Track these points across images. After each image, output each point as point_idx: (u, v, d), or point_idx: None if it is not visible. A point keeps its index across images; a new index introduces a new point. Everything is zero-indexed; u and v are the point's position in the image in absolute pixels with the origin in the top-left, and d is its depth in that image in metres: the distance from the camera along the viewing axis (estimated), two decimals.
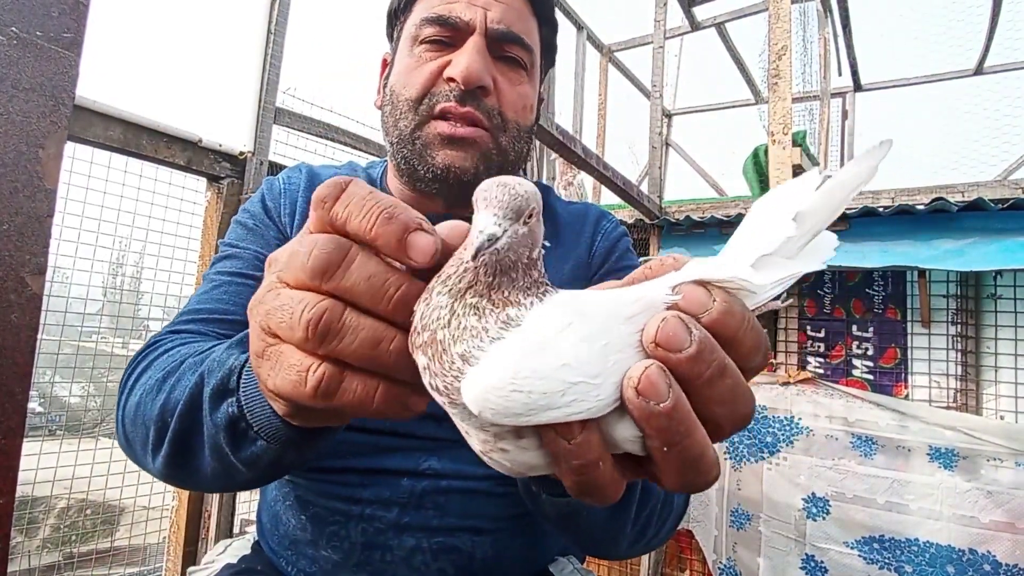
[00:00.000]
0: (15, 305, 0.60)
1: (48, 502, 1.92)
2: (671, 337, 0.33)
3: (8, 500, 0.59)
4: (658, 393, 0.32)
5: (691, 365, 0.33)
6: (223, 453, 0.51)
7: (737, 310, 0.35)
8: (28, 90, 0.64)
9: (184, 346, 0.65)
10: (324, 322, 0.35)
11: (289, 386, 0.37)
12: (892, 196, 2.25)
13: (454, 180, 0.79)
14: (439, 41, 0.80)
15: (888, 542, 1.99)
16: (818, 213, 0.37)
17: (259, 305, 0.39)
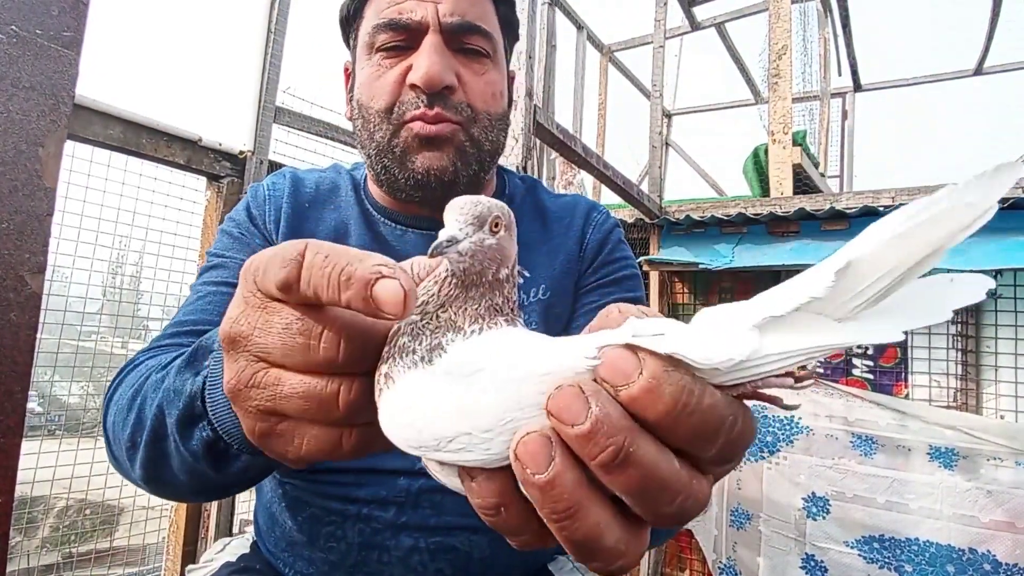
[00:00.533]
0: (14, 304, 0.60)
1: (47, 502, 1.91)
2: (561, 409, 0.29)
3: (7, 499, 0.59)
4: (535, 464, 0.29)
5: (581, 444, 0.28)
6: (204, 475, 0.50)
7: (667, 390, 0.28)
8: (28, 88, 0.64)
9: (154, 359, 0.64)
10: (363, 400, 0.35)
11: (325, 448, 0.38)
12: (892, 196, 2.25)
13: (435, 182, 0.79)
14: (395, 46, 0.79)
15: (888, 541, 1.99)
16: (884, 264, 0.27)
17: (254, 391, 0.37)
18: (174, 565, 1.74)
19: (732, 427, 0.30)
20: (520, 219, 0.92)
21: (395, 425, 0.33)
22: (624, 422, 0.29)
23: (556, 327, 0.86)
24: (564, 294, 0.87)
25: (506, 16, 0.89)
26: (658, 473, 0.29)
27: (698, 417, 0.29)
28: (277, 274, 0.35)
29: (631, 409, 0.29)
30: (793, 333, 0.28)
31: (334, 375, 0.36)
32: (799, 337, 0.28)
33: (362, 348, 0.36)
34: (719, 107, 6.01)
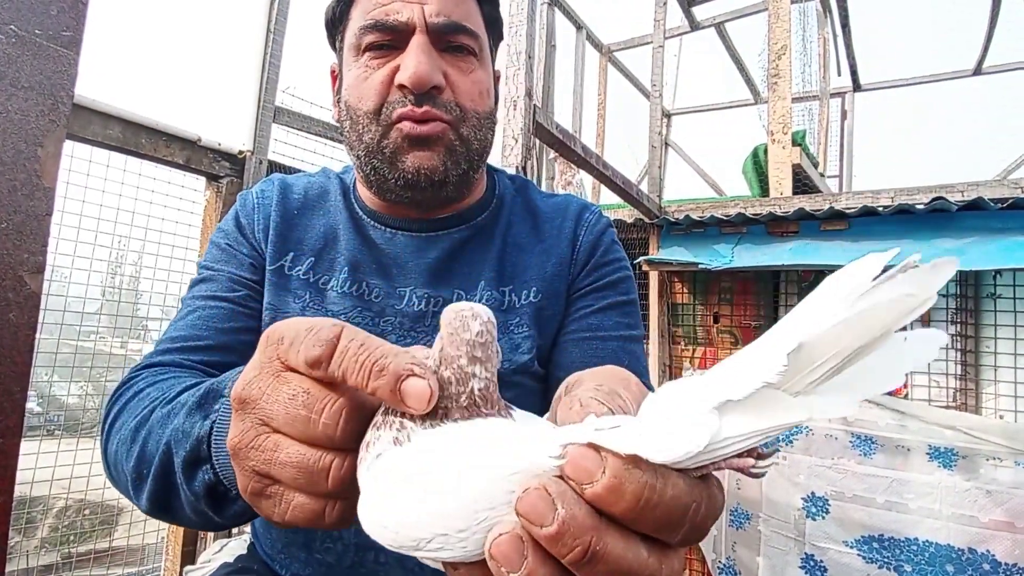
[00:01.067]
0: (13, 304, 0.60)
1: (46, 502, 1.91)
2: (531, 512, 0.29)
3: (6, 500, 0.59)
4: (509, 563, 0.30)
5: (551, 544, 0.29)
6: (206, 515, 0.51)
7: (630, 487, 0.29)
8: (27, 88, 0.64)
9: (154, 386, 0.65)
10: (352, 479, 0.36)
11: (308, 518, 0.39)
12: (891, 196, 2.25)
13: (425, 182, 0.79)
14: (382, 46, 0.79)
15: (887, 541, 1.99)
16: (834, 345, 0.28)
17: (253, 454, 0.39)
18: (173, 566, 1.74)
19: (696, 513, 0.31)
20: (511, 220, 0.91)
21: (373, 526, 0.34)
22: (590, 520, 0.30)
23: (548, 329, 0.86)
24: (556, 297, 0.87)
25: (490, 15, 0.89)
26: (625, 565, 0.30)
27: (662, 509, 0.30)
28: (311, 351, 0.36)
29: (596, 505, 0.30)
30: (751, 413, 0.29)
31: (329, 449, 0.37)
32: (757, 418, 0.29)
33: (359, 429, 0.37)
34: (718, 107, 6.01)
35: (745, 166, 3.38)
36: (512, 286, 0.85)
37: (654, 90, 2.86)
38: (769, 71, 2.76)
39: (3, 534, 0.56)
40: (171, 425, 0.53)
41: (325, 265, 0.85)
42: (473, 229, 0.88)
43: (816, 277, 2.55)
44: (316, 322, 0.38)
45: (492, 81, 0.89)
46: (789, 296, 2.60)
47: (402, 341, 0.82)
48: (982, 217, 2.04)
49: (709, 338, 2.76)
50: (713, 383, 0.31)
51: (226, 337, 0.78)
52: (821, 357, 0.28)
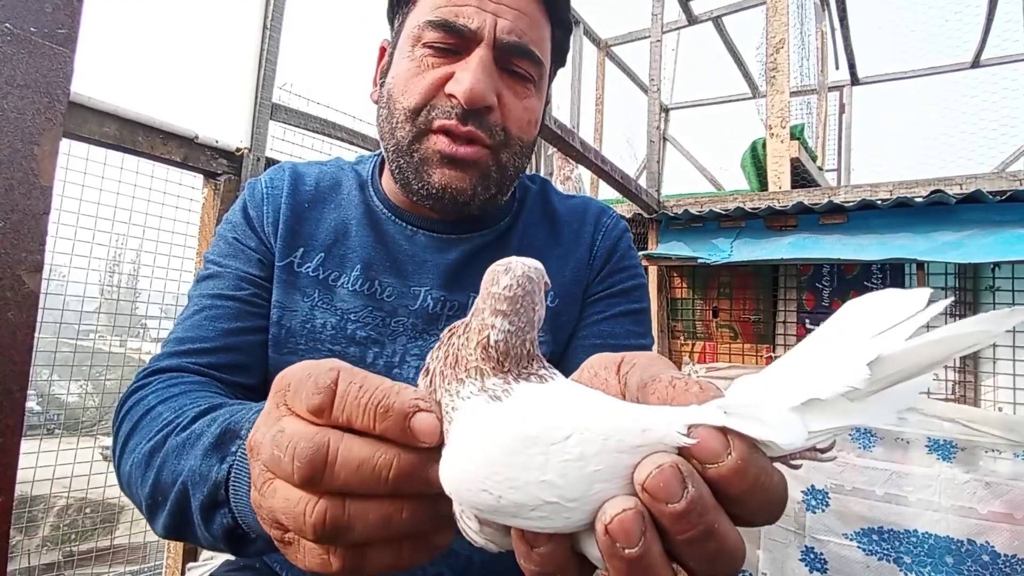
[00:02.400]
0: (11, 303, 0.60)
1: (47, 501, 1.91)
2: (661, 488, 0.30)
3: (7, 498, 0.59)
4: (628, 540, 0.30)
5: (674, 521, 0.30)
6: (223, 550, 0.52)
7: (752, 471, 0.31)
8: (23, 86, 0.64)
9: (165, 404, 0.63)
10: (329, 524, 0.35)
11: (319, 567, 0.38)
12: (890, 189, 2.25)
13: (449, 200, 0.76)
14: (443, 47, 0.74)
15: (887, 533, 2.00)
16: (904, 365, 0.31)
17: (262, 500, 0.38)
18: (175, 563, 1.74)
19: (784, 499, 0.34)
20: (530, 223, 0.90)
21: (467, 490, 0.32)
22: (712, 501, 0.31)
23: (563, 335, 0.85)
24: (573, 302, 0.86)
25: (560, 42, 0.85)
26: (729, 544, 0.32)
27: (768, 494, 0.32)
28: (311, 399, 0.36)
29: (715, 485, 0.31)
30: (828, 415, 0.32)
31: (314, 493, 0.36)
32: (831, 418, 0.32)
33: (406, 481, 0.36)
34: (716, 101, 6.00)
35: (743, 160, 3.38)
36: None
37: (652, 85, 2.85)
38: (767, 65, 2.76)
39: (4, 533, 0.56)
40: (187, 462, 0.52)
41: (335, 262, 0.81)
42: (495, 234, 0.86)
43: (814, 271, 2.55)
44: (314, 367, 0.37)
45: (543, 109, 0.85)
46: (788, 290, 2.60)
47: (413, 343, 0.80)
48: (981, 210, 2.04)
49: (708, 332, 2.77)
50: (797, 382, 0.33)
51: (233, 338, 0.76)
52: (891, 371, 0.31)
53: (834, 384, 0.31)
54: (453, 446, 0.34)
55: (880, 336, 0.32)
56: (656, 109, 2.83)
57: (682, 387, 0.36)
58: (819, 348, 0.35)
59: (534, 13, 0.78)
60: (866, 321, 0.34)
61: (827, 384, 0.32)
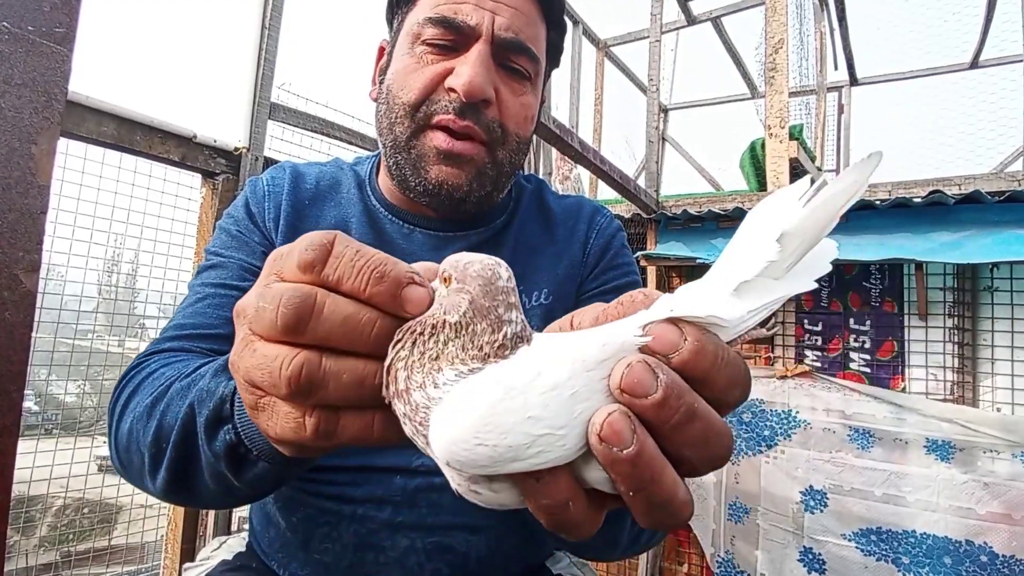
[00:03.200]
0: (9, 303, 0.60)
1: (45, 501, 1.91)
2: (636, 384, 0.31)
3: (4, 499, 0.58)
4: (621, 440, 0.31)
5: (657, 411, 0.31)
6: (225, 478, 0.51)
7: (709, 348, 0.33)
8: (20, 85, 0.63)
9: (168, 367, 0.64)
10: (304, 377, 0.35)
11: (290, 434, 0.38)
12: (889, 189, 2.25)
13: (446, 196, 0.77)
14: (441, 44, 0.76)
15: (885, 534, 2.00)
16: (805, 232, 0.35)
17: (239, 361, 0.39)
18: (172, 563, 1.74)
19: (747, 373, 0.36)
20: (525, 222, 0.91)
21: (462, 451, 0.33)
22: (684, 383, 0.32)
23: None
24: (566, 299, 0.86)
25: (554, 42, 0.87)
26: (713, 420, 0.33)
27: (731, 367, 0.34)
28: (303, 255, 0.36)
29: (683, 371, 0.33)
30: (756, 294, 0.35)
31: (294, 346, 0.36)
32: (760, 296, 0.35)
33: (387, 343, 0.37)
34: (715, 102, 6.00)
35: (742, 160, 3.38)
36: (523, 287, 0.84)
37: (651, 85, 2.85)
38: (766, 65, 2.76)
39: (2, 533, 0.56)
40: (194, 389, 0.53)
41: None
42: (491, 231, 0.87)
43: None
44: (313, 232, 0.37)
45: (539, 106, 0.87)
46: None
47: None
48: (979, 210, 2.05)
49: None
50: (725, 274, 0.36)
51: None
52: (793, 244, 0.35)
53: (754, 265, 0.35)
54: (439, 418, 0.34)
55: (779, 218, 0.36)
56: (655, 109, 2.83)
57: (628, 301, 0.38)
58: (739, 247, 0.38)
59: (530, 12, 0.80)
60: (768, 215, 0.38)
61: (749, 267, 0.35)
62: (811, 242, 0.35)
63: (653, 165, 2.80)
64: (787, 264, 0.36)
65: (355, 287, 0.36)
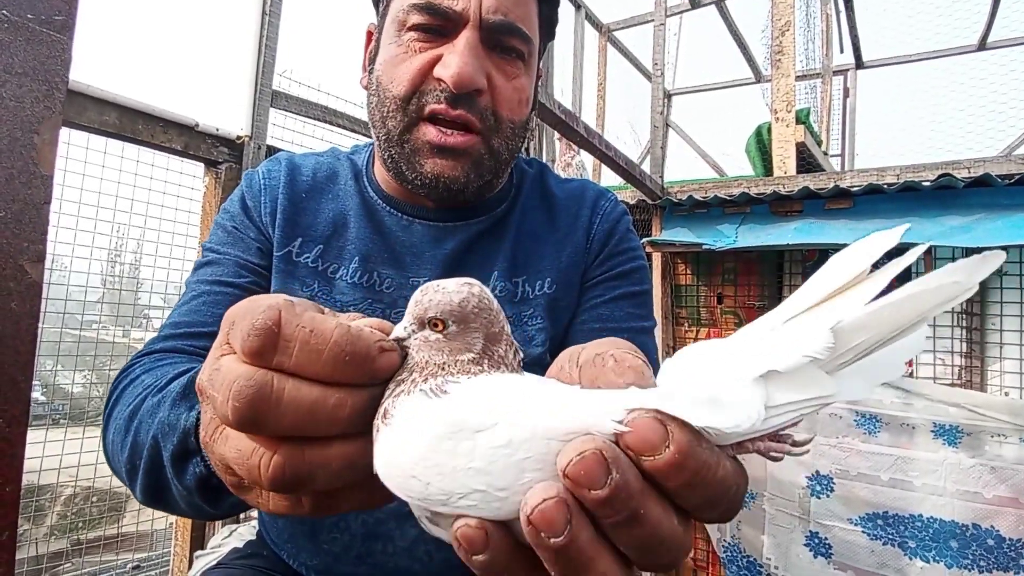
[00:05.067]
0: (14, 293, 0.59)
1: (54, 490, 1.92)
2: (583, 476, 0.28)
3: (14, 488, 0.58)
4: (551, 528, 0.28)
5: (599, 507, 0.29)
6: (200, 508, 0.50)
7: (691, 465, 0.29)
8: (21, 75, 0.62)
9: (149, 373, 0.62)
10: (289, 476, 0.33)
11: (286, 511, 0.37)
12: (897, 173, 2.23)
13: (444, 189, 0.75)
14: (429, 29, 0.73)
15: (892, 518, 2.00)
16: (870, 330, 0.29)
17: (213, 444, 0.36)
18: (182, 551, 1.75)
19: (736, 495, 0.32)
20: (527, 209, 0.89)
21: (397, 476, 0.32)
22: (639, 486, 0.29)
23: (561, 321, 0.84)
24: (570, 287, 0.85)
25: (548, 16, 0.84)
26: (661, 531, 0.30)
27: (711, 489, 0.30)
28: (247, 342, 0.32)
29: (651, 476, 0.29)
30: (791, 387, 0.30)
31: (265, 445, 0.33)
32: (796, 391, 0.29)
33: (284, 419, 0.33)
34: (720, 86, 5.95)
35: (748, 145, 3.36)
36: (525, 276, 0.83)
37: (655, 70, 2.82)
38: (772, 48, 2.73)
39: (12, 522, 0.56)
40: (158, 416, 0.51)
41: (333, 254, 0.81)
42: (492, 220, 0.85)
43: (820, 256, 2.54)
44: (254, 302, 0.34)
45: (534, 86, 0.84)
46: (793, 276, 2.59)
47: None
48: (989, 194, 2.02)
49: (713, 319, 2.76)
50: (747, 353, 0.30)
51: None
52: (859, 338, 0.29)
53: (793, 354, 0.29)
54: (385, 436, 0.33)
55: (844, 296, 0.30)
56: (660, 95, 2.80)
57: (600, 364, 0.34)
58: (789, 312, 0.31)
59: None
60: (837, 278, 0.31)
61: (787, 354, 0.29)
62: (876, 342, 0.29)
63: (658, 151, 2.78)
64: (841, 361, 0.29)
65: (317, 374, 0.32)
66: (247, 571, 0.83)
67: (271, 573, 0.83)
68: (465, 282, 0.36)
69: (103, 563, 1.93)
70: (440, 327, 0.35)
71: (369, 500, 0.37)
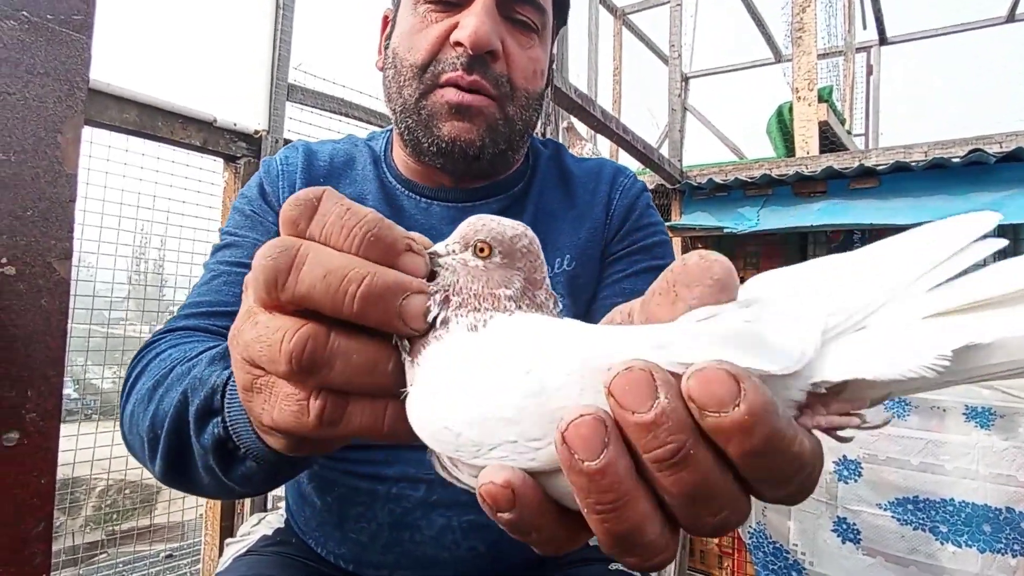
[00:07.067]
0: (44, 290, 0.60)
1: (88, 483, 1.97)
2: (627, 392, 0.25)
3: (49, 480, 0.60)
4: (587, 449, 0.26)
5: (640, 434, 0.26)
6: (214, 473, 0.49)
7: (762, 430, 0.25)
8: (42, 75, 0.63)
9: (176, 348, 0.62)
10: (307, 353, 0.31)
11: (290, 419, 0.34)
12: (925, 150, 2.17)
13: (459, 153, 0.76)
14: (445, 1, 0.75)
15: (922, 503, 1.97)
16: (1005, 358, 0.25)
17: (238, 335, 0.35)
18: (212, 540, 1.79)
19: (810, 477, 0.29)
20: (544, 187, 0.89)
21: (427, 425, 0.30)
22: (689, 422, 0.26)
23: (582, 298, 0.83)
24: (590, 263, 0.84)
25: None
26: (711, 483, 0.27)
27: (782, 462, 0.27)
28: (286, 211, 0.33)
29: (712, 436, 0.26)
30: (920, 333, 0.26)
31: (299, 317, 0.32)
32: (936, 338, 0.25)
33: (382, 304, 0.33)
34: (738, 68, 5.84)
35: (769, 126, 3.29)
36: (545, 255, 0.82)
37: (672, 52, 2.77)
38: (793, 25, 2.66)
39: (49, 513, 0.57)
40: (190, 376, 0.51)
41: None
42: (510, 199, 0.86)
43: (845, 237, 2.49)
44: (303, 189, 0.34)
45: (547, 61, 0.85)
46: (818, 258, 2.55)
47: None
48: (1021, 168, 1.96)
49: None
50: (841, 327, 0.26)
51: None
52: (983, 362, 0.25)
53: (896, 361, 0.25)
54: (417, 382, 0.32)
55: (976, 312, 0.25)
56: (678, 77, 2.75)
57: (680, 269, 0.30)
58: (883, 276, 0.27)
59: None
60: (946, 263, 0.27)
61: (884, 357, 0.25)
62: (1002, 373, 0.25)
63: (676, 134, 2.74)
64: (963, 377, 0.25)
65: (343, 248, 0.32)
66: (276, 558, 0.85)
67: (300, 561, 0.84)
68: (520, 223, 0.36)
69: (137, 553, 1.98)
70: (485, 252, 0.34)
71: (379, 427, 0.35)
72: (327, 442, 0.40)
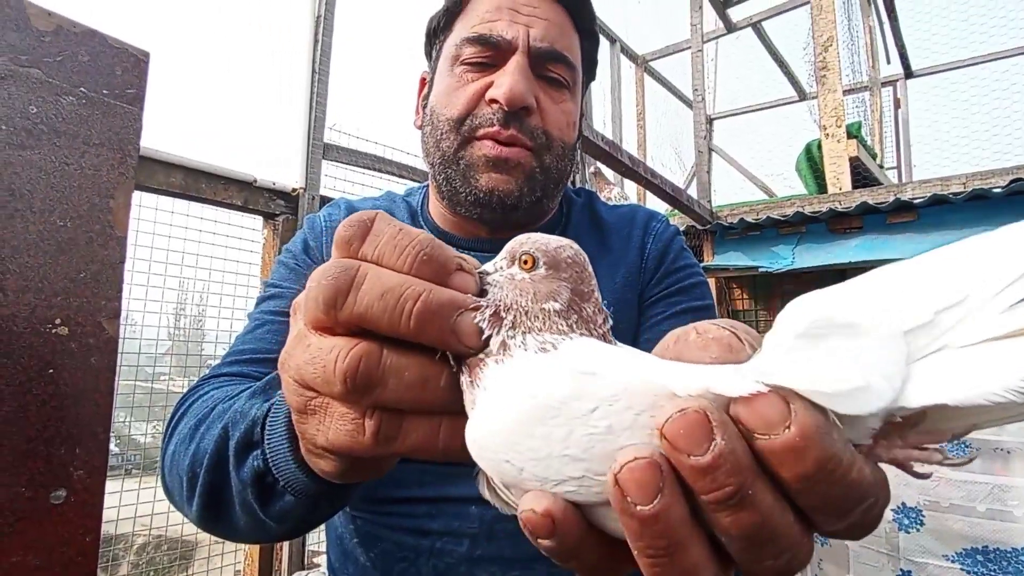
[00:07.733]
0: (94, 349, 0.62)
1: (128, 539, 1.98)
2: (681, 436, 0.25)
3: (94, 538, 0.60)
4: (641, 492, 0.25)
5: (697, 477, 0.25)
6: (252, 508, 0.48)
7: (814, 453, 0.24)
8: (98, 145, 0.67)
9: (219, 390, 0.63)
10: (362, 371, 0.31)
11: (345, 439, 0.34)
12: (964, 181, 2.12)
13: (497, 204, 0.77)
14: (480, 62, 0.78)
15: (992, 553, 1.83)
16: None
17: (289, 358, 0.35)
18: None
19: (872, 511, 0.27)
20: (578, 234, 0.89)
21: (490, 457, 0.30)
22: (748, 461, 0.25)
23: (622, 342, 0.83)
24: (627, 308, 0.84)
25: (589, 53, 0.88)
26: (772, 523, 0.26)
27: (838, 489, 0.26)
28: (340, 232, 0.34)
29: (764, 462, 0.26)
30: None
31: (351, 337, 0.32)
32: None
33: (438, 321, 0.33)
34: (762, 107, 5.87)
35: (799, 163, 3.28)
36: None
37: (696, 95, 2.81)
38: (816, 64, 2.67)
39: (92, 571, 0.57)
40: (233, 408, 0.51)
41: None
42: None
43: None
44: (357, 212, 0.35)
45: (579, 115, 0.88)
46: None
47: None
48: None
49: None
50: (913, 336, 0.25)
51: None
52: None
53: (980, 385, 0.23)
54: (479, 410, 0.31)
55: None
56: (702, 120, 2.78)
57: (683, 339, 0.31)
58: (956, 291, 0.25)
59: (563, 23, 0.81)
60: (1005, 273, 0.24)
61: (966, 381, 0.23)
62: None
63: (704, 176, 2.74)
64: None
65: (396, 267, 0.33)
66: None
67: None
68: (566, 239, 0.36)
69: None
70: (529, 264, 0.34)
71: (433, 444, 0.34)
72: (380, 463, 0.39)
